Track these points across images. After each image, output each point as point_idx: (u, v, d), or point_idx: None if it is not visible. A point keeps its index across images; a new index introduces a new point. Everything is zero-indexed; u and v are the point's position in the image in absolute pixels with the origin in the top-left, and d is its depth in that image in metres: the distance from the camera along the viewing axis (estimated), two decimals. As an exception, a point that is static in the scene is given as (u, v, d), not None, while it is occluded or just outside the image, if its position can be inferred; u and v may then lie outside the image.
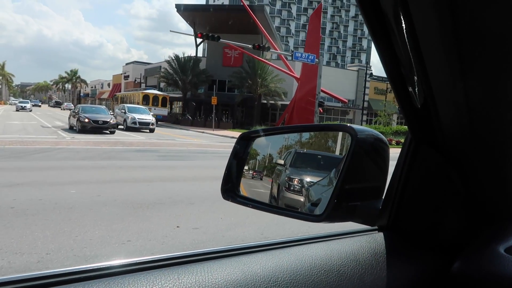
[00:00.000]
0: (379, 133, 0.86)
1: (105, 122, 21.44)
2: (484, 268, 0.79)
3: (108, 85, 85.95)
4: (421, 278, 0.85)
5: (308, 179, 1.02)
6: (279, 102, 38.70)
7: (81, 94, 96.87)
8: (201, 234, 4.66)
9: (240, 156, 1.05)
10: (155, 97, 39.14)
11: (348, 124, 0.86)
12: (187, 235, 4.61)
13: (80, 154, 12.14)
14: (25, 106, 53.96)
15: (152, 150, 14.74)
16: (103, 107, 26.86)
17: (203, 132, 30.16)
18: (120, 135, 21.22)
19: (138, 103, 35.41)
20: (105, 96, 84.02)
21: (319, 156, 1.02)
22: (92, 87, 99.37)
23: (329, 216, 0.80)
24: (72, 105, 79.71)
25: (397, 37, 0.68)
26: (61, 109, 74.74)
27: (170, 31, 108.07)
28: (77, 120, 21.57)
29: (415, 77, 0.73)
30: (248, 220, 5.23)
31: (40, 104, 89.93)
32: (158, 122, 31.09)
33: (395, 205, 0.92)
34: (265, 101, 39.92)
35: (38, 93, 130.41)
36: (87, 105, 29.56)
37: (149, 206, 5.79)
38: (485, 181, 0.90)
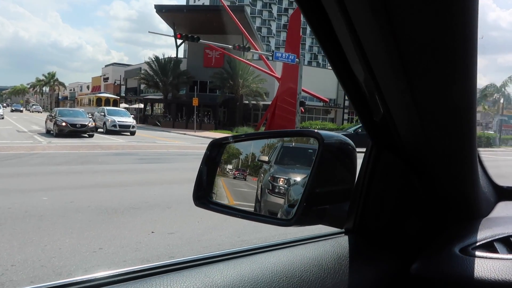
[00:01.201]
0: (346, 138, 0.88)
1: (83, 126, 21.01)
2: (440, 268, 0.83)
3: (88, 87, 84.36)
4: (382, 279, 0.87)
5: (297, 178, 0.91)
6: (261, 102, 38.65)
7: (60, 97, 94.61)
8: (177, 239, 4.56)
9: (211, 163, 1.03)
10: (107, 99, 47.61)
11: (316, 130, 0.87)
12: (162, 240, 4.50)
13: (56, 159, 11.83)
14: None
15: (131, 153, 14.48)
16: (82, 109, 26.30)
17: (184, 134, 29.89)
18: (99, 139, 20.82)
19: (93, 105, 41.50)
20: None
21: (310, 150, 0.89)
22: (71, 90, 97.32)
23: (299, 220, 0.80)
24: (40, 107, 76.78)
25: (350, 59, 0.73)
26: (30, 112, 71.75)
27: (149, 32, 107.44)
28: (54, 124, 21.09)
29: (371, 92, 0.78)
30: (225, 223, 5.15)
31: (21, 108, 74.03)
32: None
33: (360, 208, 0.94)
34: (247, 102, 39.84)
35: (15, 97, 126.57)
36: (64, 108, 28.78)
37: (124, 211, 5.65)
38: (441, 183, 0.93)
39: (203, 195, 1.01)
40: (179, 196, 6.83)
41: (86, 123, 21.26)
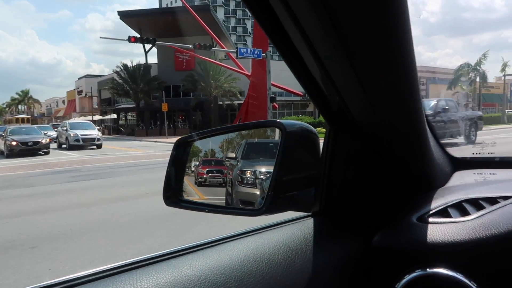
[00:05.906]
0: (308, 125, 0.88)
1: (35, 143, 19.61)
2: (398, 237, 0.87)
3: (63, 102, 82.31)
4: (347, 255, 0.89)
5: (263, 169, 0.97)
6: (236, 102, 37.41)
7: (35, 115, 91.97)
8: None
9: (178, 162, 1.02)
10: (23, 118, 59.15)
11: (278, 120, 0.87)
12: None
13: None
14: None
15: (74, 169, 13.06)
16: (35, 126, 24.79)
17: (155, 141, 28.55)
18: (55, 155, 19.45)
19: (13, 123, 49.90)
20: (61, 114, 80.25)
21: (271, 144, 0.97)
22: (47, 106, 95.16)
23: (268, 208, 0.80)
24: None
25: (301, 50, 0.77)
26: None
27: (100, 37, 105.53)
28: (4, 143, 19.61)
29: (324, 80, 0.82)
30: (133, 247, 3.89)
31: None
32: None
33: (324, 191, 0.97)
34: (221, 102, 38.60)
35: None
36: (17, 126, 26.80)
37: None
38: (397, 159, 0.96)
39: (173, 194, 1.00)
40: (74, 226, 5.53)
41: (39, 140, 19.86)
